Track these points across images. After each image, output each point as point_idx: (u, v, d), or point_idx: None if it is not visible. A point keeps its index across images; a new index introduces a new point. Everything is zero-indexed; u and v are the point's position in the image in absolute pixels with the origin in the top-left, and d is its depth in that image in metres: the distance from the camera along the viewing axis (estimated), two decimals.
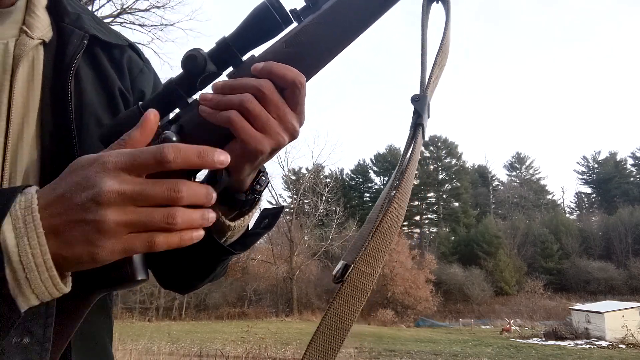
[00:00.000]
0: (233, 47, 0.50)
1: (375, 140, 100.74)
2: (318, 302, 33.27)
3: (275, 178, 56.95)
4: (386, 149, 56.27)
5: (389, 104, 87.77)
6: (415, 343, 17.00)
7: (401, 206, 0.48)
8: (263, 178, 0.59)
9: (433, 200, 53.64)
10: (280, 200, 41.84)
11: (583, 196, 59.12)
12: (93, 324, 0.61)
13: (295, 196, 39.14)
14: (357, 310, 0.50)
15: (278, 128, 0.49)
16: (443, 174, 54.10)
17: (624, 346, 17.04)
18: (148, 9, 11.34)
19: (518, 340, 19.94)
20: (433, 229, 52.22)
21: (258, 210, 0.64)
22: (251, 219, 0.63)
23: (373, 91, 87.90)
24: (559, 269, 40.01)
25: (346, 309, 0.50)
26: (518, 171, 58.63)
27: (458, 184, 52.68)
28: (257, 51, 0.53)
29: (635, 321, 18.94)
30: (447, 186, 53.64)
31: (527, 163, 58.11)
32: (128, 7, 11.30)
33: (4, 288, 0.37)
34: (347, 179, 56.76)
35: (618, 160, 56.05)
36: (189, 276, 0.70)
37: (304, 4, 0.51)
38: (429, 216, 53.50)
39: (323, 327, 0.51)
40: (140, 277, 0.48)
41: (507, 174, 59.54)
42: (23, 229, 0.38)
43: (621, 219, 41.97)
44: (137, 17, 11.45)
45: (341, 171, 55.84)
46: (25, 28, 0.57)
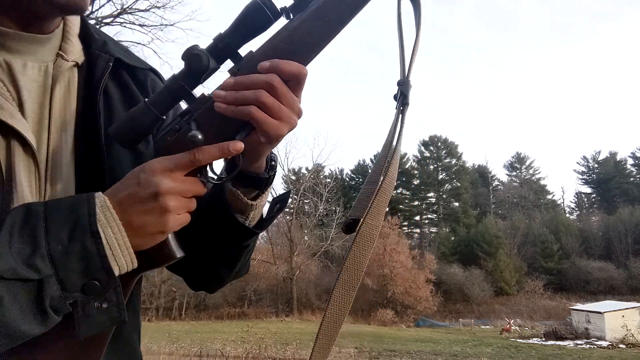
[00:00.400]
0: (231, 43, 0.57)
1: (375, 140, 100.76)
2: (318, 302, 33.25)
3: (275, 178, 57.16)
4: None
5: (389, 104, 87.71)
6: (415, 343, 16.99)
7: (395, 169, 0.60)
8: (273, 155, 0.69)
9: (433, 200, 53.63)
10: None
11: (583, 196, 59.16)
12: (125, 324, 0.64)
13: (295, 196, 39.14)
14: (368, 254, 0.61)
15: (290, 113, 0.58)
16: (443, 174, 54.10)
17: (624, 346, 17.04)
18: (148, 9, 11.34)
19: (518, 340, 19.93)
20: (433, 229, 52.21)
21: (270, 195, 0.72)
22: (267, 197, 0.70)
23: (373, 91, 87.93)
24: (559, 269, 40.00)
25: (360, 254, 0.61)
26: (518, 171, 58.66)
27: (458, 184, 52.67)
28: (251, 44, 0.58)
29: (635, 321, 18.94)
30: (447, 186, 53.64)
31: (527, 163, 58.15)
32: (128, 7, 11.30)
33: (106, 263, 0.51)
34: (347, 179, 56.76)
35: (618, 160, 56.06)
36: (217, 266, 0.76)
37: (293, 2, 0.57)
38: (429, 216, 53.50)
39: (346, 269, 0.60)
40: (179, 255, 0.59)
41: (507, 174, 59.62)
42: (105, 222, 0.51)
43: (621, 219, 41.96)
44: (137, 17, 11.45)
45: (341, 171, 55.88)
46: (61, 53, 0.65)
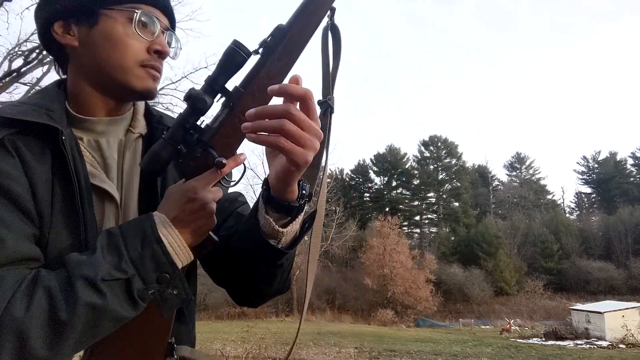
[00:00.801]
0: (220, 82, 0.73)
1: (375, 140, 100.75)
2: (318, 302, 33.24)
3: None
4: (386, 149, 56.26)
5: (389, 104, 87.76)
6: (415, 343, 16.98)
7: (323, 158, 0.78)
8: (304, 184, 0.75)
9: (433, 200, 53.61)
10: None
11: (583, 196, 59.16)
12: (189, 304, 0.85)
13: None
14: (319, 234, 0.80)
15: (312, 138, 0.65)
16: (443, 174, 54.07)
17: (624, 346, 17.03)
18: None
19: (518, 340, 19.92)
20: (433, 229, 52.19)
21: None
22: (298, 224, 0.78)
23: (373, 91, 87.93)
24: (559, 269, 39.99)
25: (317, 224, 0.78)
26: (518, 171, 58.65)
27: (458, 184, 52.64)
28: (234, 80, 0.75)
29: (635, 321, 18.93)
30: (447, 186, 53.62)
31: (527, 163, 58.14)
32: None
33: (170, 260, 0.69)
34: (347, 179, 56.71)
35: (618, 160, 56.05)
36: (256, 283, 0.86)
37: (262, 45, 0.73)
38: (429, 216, 53.48)
39: (311, 247, 0.79)
40: (217, 239, 0.77)
41: (507, 174, 59.62)
42: (165, 232, 0.69)
43: (621, 219, 41.95)
44: None
45: (341, 171, 55.80)
46: (131, 128, 0.86)
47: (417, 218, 53.48)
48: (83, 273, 0.62)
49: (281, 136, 0.63)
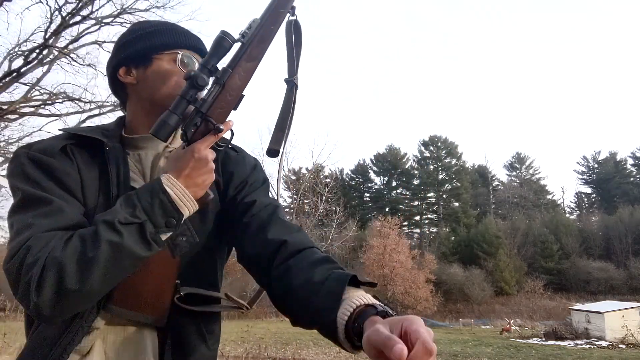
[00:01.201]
0: (212, 63, 0.90)
1: (375, 140, 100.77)
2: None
3: (275, 178, 56.91)
4: (386, 149, 56.28)
5: (389, 104, 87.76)
6: None
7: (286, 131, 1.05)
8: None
9: (433, 200, 53.61)
10: (280, 200, 41.76)
11: (583, 196, 59.14)
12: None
13: (295, 196, 39.13)
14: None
15: None
16: (443, 174, 54.05)
17: (624, 346, 17.03)
18: (148, 9, 11.31)
19: (518, 340, 19.92)
20: (433, 229, 52.19)
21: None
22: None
23: (373, 91, 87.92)
24: (559, 269, 39.98)
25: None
26: (518, 171, 58.63)
27: (458, 184, 52.63)
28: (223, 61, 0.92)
29: (635, 321, 18.93)
30: (447, 186, 53.60)
31: (527, 163, 58.11)
32: (128, 7, 11.27)
33: (175, 207, 0.83)
34: (347, 179, 56.72)
35: (618, 160, 56.05)
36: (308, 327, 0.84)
37: (243, 35, 0.92)
38: (429, 216, 53.48)
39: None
40: (212, 195, 0.93)
41: (507, 174, 59.60)
42: (170, 185, 0.84)
43: (621, 219, 41.94)
44: (137, 17, 11.42)
45: (341, 171, 55.83)
46: (168, 145, 1.04)
47: (417, 218, 53.48)
48: (105, 219, 0.79)
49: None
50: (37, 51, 10.47)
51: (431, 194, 53.70)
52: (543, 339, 20.01)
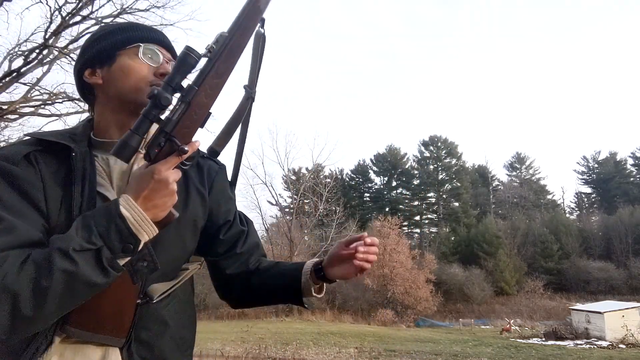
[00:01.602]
0: (177, 81, 0.87)
1: (375, 140, 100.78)
2: (318, 302, 33.12)
3: (275, 178, 56.74)
4: (386, 149, 56.26)
5: (389, 104, 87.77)
6: (415, 343, 16.98)
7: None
8: None
9: (433, 200, 53.58)
10: (280, 200, 41.77)
11: (583, 196, 59.10)
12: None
13: (295, 196, 39.10)
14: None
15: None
16: (443, 174, 54.02)
17: (624, 346, 17.03)
18: (148, 9, 11.30)
19: (518, 340, 19.92)
20: (433, 229, 52.17)
21: None
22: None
23: (373, 92, 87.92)
24: (559, 269, 39.95)
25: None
26: (518, 171, 58.59)
27: (458, 184, 52.60)
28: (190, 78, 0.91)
29: (635, 321, 18.92)
30: (447, 186, 53.57)
31: (527, 163, 58.07)
32: (128, 7, 11.26)
33: (132, 232, 0.81)
34: (347, 179, 56.69)
35: (618, 160, 56.01)
36: (261, 304, 1.22)
37: (209, 49, 0.89)
38: (429, 216, 53.46)
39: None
40: (177, 215, 0.91)
41: (507, 174, 59.56)
42: (128, 207, 0.82)
43: (621, 219, 41.91)
44: (137, 17, 11.41)
45: (341, 171, 55.81)
46: (140, 150, 0.97)
47: (417, 218, 53.46)
48: (59, 246, 0.77)
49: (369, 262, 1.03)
50: (37, 51, 10.45)
51: (431, 194, 53.69)
52: (543, 339, 20.01)
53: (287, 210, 41.01)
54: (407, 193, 54.58)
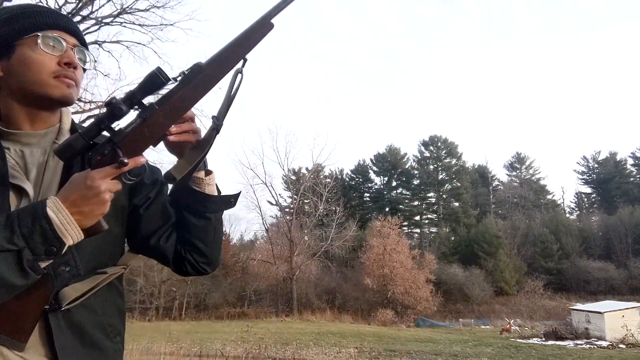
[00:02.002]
0: (138, 97, 0.88)
1: (375, 140, 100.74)
2: (318, 302, 33.24)
3: (275, 178, 56.68)
4: (386, 149, 56.24)
5: (389, 104, 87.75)
6: (415, 343, 16.97)
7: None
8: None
9: (433, 200, 53.57)
10: (280, 200, 41.74)
11: (583, 196, 59.08)
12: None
13: (295, 196, 39.12)
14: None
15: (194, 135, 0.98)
16: (443, 174, 54.01)
17: (624, 346, 17.03)
18: (148, 9, 11.32)
19: (518, 340, 19.92)
20: (433, 229, 52.14)
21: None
22: (214, 180, 1.07)
23: (373, 92, 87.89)
24: (559, 269, 39.94)
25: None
26: (518, 171, 58.58)
27: (458, 184, 52.58)
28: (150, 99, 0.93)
29: (635, 321, 18.93)
30: (447, 186, 53.55)
31: (527, 163, 58.06)
32: (128, 7, 11.29)
33: (57, 234, 0.80)
34: (347, 179, 56.68)
35: (618, 160, 55.99)
36: (190, 237, 1.07)
37: (181, 75, 0.91)
38: (429, 216, 53.44)
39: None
40: (106, 227, 0.89)
41: (507, 174, 59.53)
42: (55, 210, 0.81)
43: (621, 219, 41.89)
44: (137, 17, 11.44)
45: (341, 171, 55.80)
46: (56, 141, 1.00)
47: (417, 218, 53.44)
48: None
49: (192, 134, 0.96)
50: None
51: (431, 194, 53.67)
52: (543, 339, 20.02)
53: (287, 210, 41.00)
54: (407, 193, 54.57)
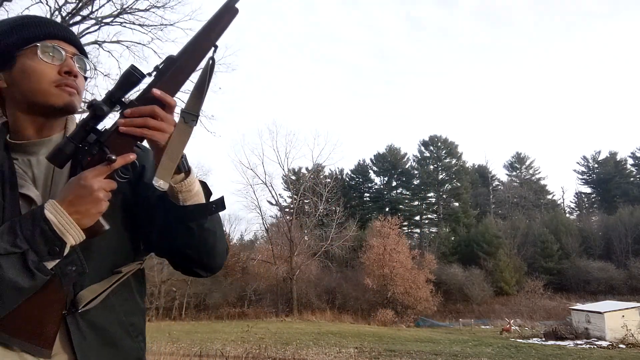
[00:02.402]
0: (117, 96, 0.90)
1: (375, 140, 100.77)
2: (318, 302, 33.24)
3: (275, 178, 56.65)
4: (386, 149, 56.26)
5: (389, 104, 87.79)
6: (415, 343, 16.98)
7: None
8: (184, 159, 0.96)
9: (433, 200, 53.58)
10: (280, 200, 41.76)
11: (583, 196, 59.10)
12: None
13: (295, 196, 39.11)
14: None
15: (167, 127, 0.91)
16: (443, 174, 54.02)
17: (624, 346, 17.04)
18: (148, 9, 11.31)
19: (518, 340, 19.93)
20: (433, 229, 52.15)
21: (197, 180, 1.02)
22: (193, 184, 0.98)
23: (373, 92, 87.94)
24: (559, 269, 39.94)
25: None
26: (518, 171, 58.60)
27: (458, 184, 52.59)
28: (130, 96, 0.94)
29: (635, 321, 18.94)
30: (447, 186, 53.56)
31: (527, 163, 58.09)
32: (128, 7, 11.27)
33: (57, 235, 0.83)
34: (347, 179, 56.69)
35: (618, 160, 56.01)
36: (178, 246, 1.01)
37: (155, 69, 0.92)
38: (429, 216, 53.44)
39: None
40: (107, 227, 0.91)
41: (507, 174, 59.57)
42: (54, 212, 0.84)
43: (621, 219, 41.89)
44: (137, 17, 11.43)
45: (341, 171, 55.83)
46: None
47: (417, 218, 53.45)
48: None
49: (145, 128, 0.89)
50: None
51: (431, 194, 53.68)
52: (543, 339, 20.03)
53: (287, 210, 41.02)
54: (407, 193, 54.58)
